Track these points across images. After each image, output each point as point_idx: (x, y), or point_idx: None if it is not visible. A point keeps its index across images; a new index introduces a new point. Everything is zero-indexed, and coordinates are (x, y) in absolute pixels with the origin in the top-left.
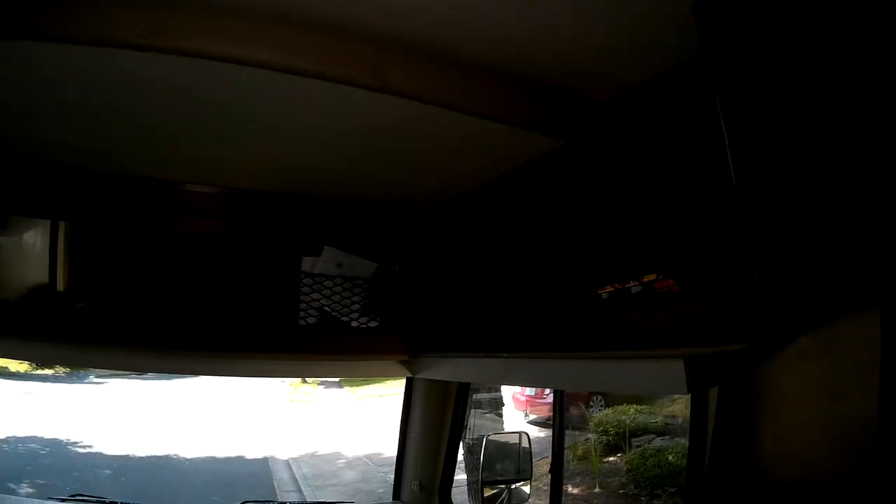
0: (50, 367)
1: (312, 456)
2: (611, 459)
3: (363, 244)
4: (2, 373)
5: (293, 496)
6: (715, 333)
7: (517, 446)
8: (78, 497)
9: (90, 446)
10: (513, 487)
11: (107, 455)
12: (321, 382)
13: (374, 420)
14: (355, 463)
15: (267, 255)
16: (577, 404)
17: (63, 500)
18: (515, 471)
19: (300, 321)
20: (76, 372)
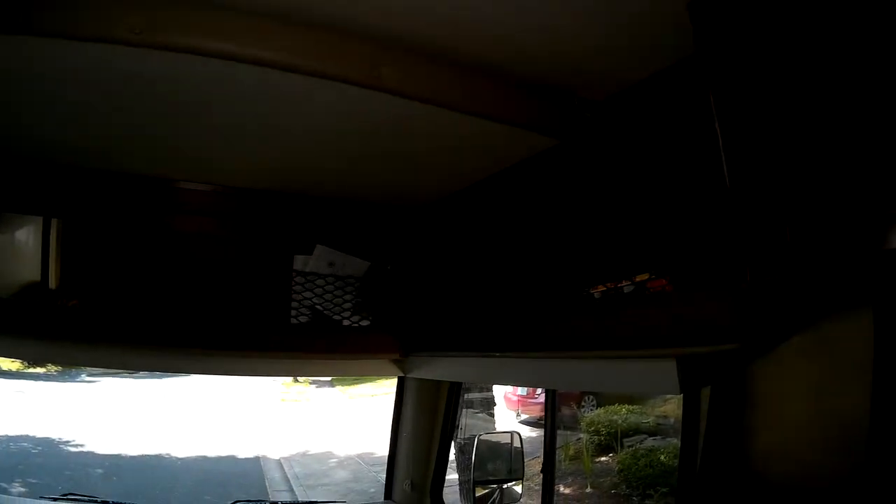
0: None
1: (304, 455)
2: (602, 459)
3: (355, 243)
4: None
5: (285, 495)
6: (707, 333)
7: (509, 446)
8: (70, 496)
9: (82, 445)
10: (504, 487)
11: (99, 454)
12: (313, 381)
13: (366, 419)
14: (347, 462)
15: (259, 253)
16: (569, 404)
17: (55, 500)
18: (507, 470)
19: (292, 320)
20: (68, 370)
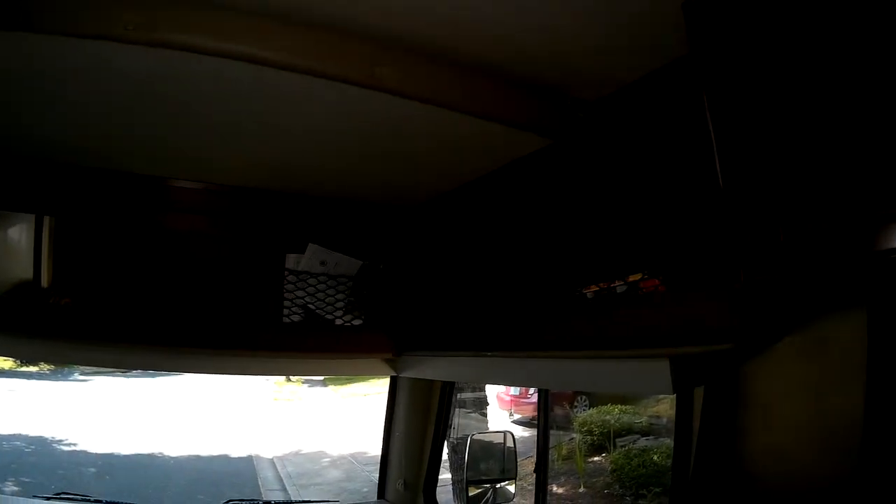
0: (34, 364)
1: (297, 454)
2: (595, 459)
3: (348, 241)
4: None
5: (278, 495)
6: (700, 333)
7: (502, 446)
8: (63, 495)
9: (75, 444)
10: (497, 487)
11: (91, 453)
12: (305, 381)
13: (359, 419)
14: (340, 462)
15: (251, 251)
16: (562, 404)
17: (48, 499)
18: (500, 470)
19: (284, 318)
20: (60, 369)
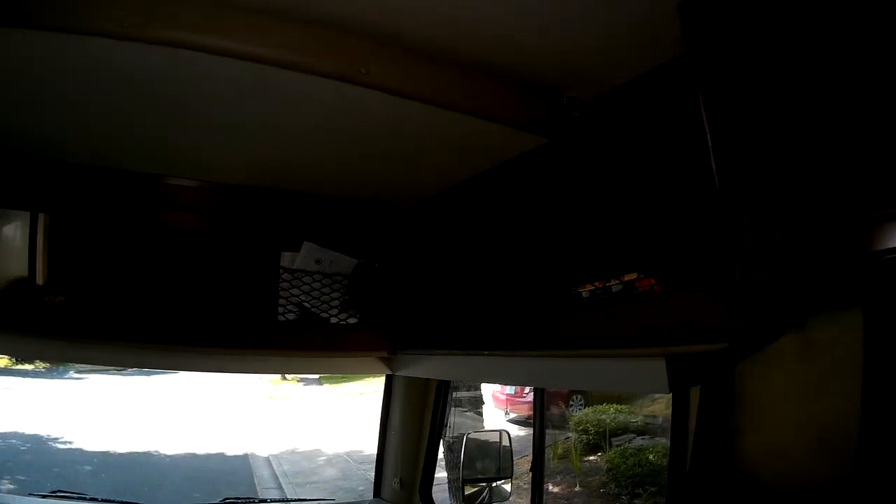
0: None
1: (293, 453)
2: (591, 458)
3: (343, 240)
4: None
5: (274, 493)
6: (696, 333)
7: (497, 444)
8: (58, 493)
9: (70, 442)
10: (493, 485)
11: (87, 451)
12: (301, 379)
13: (354, 417)
14: (335, 460)
15: (246, 249)
16: (557, 403)
17: (43, 497)
18: (496, 469)
19: (279, 317)
20: (56, 367)
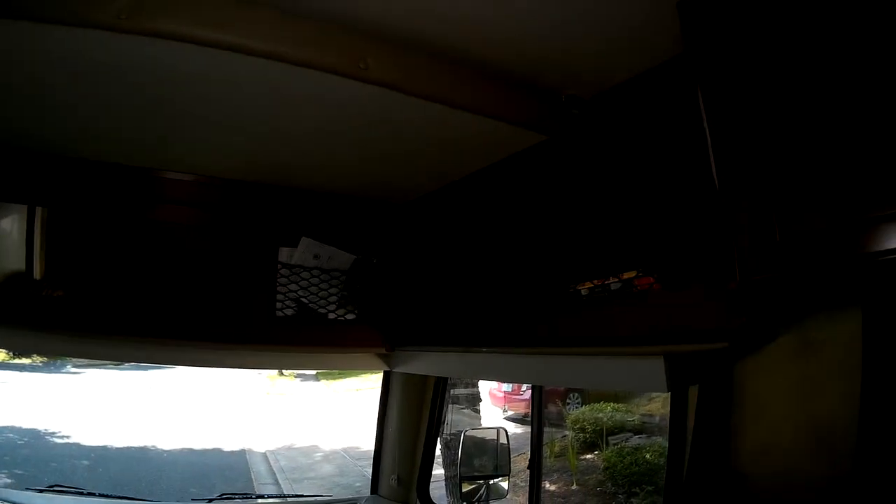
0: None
1: (289, 449)
2: (588, 457)
3: (341, 236)
4: None
5: (271, 489)
6: (695, 332)
7: (495, 442)
8: (56, 488)
9: (67, 437)
10: (491, 483)
11: (84, 446)
12: (298, 375)
13: (351, 414)
14: (332, 456)
15: (244, 244)
16: (554, 401)
17: (41, 491)
18: (493, 466)
19: (277, 312)
20: (53, 361)
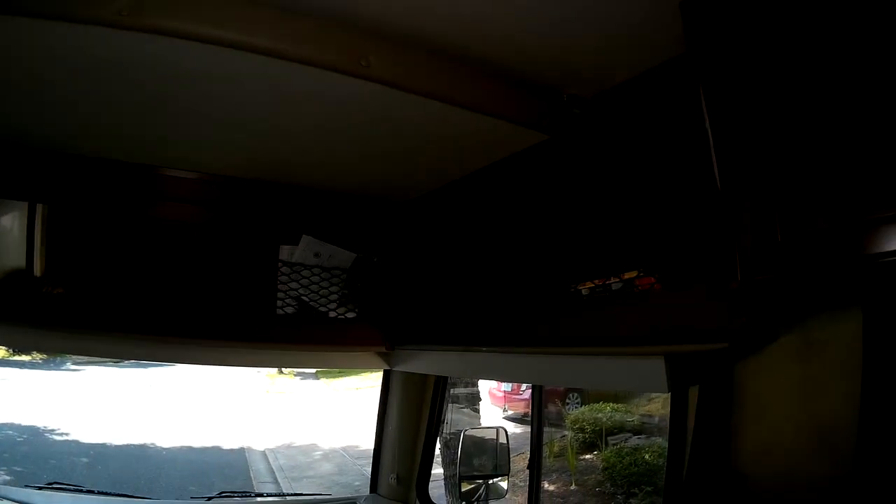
0: (27, 353)
1: (289, 447)
2: (587, 457)
3: (342, 234)
4: None
5: (270, 487)
6: (696, 332)
7: (494, 441)
8: (55, 485)
9: (67, 434)
10: (490, 483)
11: (84, 443)
12: (298, 374)
13: (351, 412)
14: (332, 455)
15: (245, 242)
16: (554, 401)
17: (40, 489)
18: (493, 466)
19: (278, 310)
20: (53, 358)
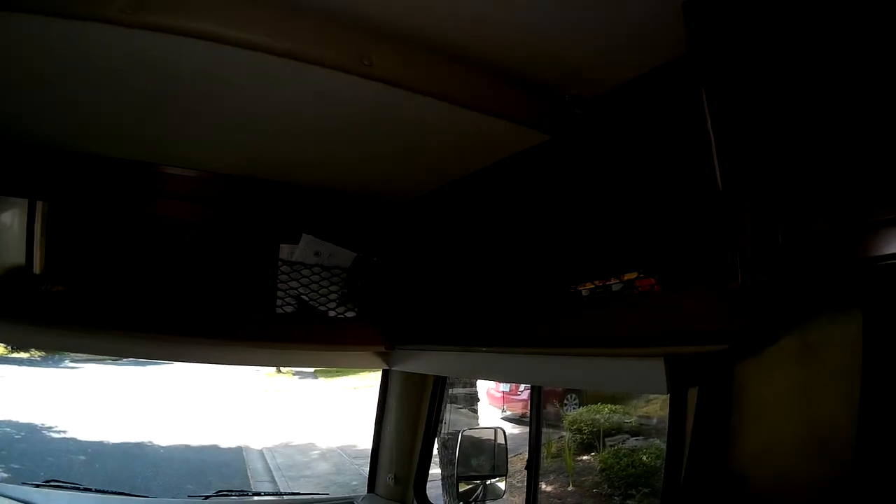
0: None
1: (286, 446)
2: (584, 458)
3: (342, 233)
4: None
5: (267, 486)
6: (696, 334)
7: (492, 442)
8: (52, 483)
9: (65, 432)
10: (488, 483)
11: (82, 441)
12: (296, 373)
13: (349, 412)
14: (329, 454)
15: (245, 240)
16: (552, 402)
17: (37, 486)
18: (490, 467)
19: (277, 309)
20: (51, 356)
